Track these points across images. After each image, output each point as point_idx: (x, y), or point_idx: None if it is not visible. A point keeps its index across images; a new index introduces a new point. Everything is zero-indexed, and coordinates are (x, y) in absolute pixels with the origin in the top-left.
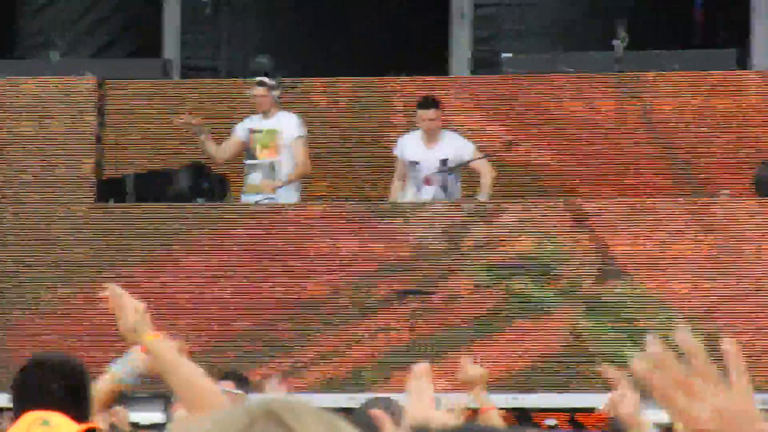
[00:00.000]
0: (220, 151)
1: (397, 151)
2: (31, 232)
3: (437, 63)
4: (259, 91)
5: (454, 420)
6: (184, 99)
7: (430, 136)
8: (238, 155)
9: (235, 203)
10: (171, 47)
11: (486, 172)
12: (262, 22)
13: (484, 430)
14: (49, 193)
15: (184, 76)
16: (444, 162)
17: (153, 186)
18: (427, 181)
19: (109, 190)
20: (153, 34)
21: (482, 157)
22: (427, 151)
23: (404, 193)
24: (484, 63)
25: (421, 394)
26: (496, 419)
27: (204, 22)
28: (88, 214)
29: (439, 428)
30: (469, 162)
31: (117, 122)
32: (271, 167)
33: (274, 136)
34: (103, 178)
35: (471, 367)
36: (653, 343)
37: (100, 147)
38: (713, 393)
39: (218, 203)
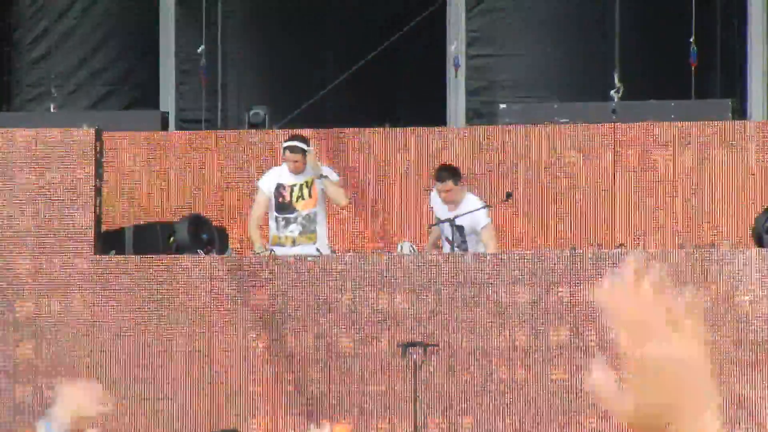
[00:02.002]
0: (258, 222)
1: (431, 202)
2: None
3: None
4: (294, 157)
5: None
6: (180, 150)
7: (449, 203)
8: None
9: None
10: (166, 99)
11: (488, 245)
12: (257, 73)
13: None
14: (47, 245)
15: (179, 128)
16: (460, 229)
17: (152, 238)
18: (448, 240)
19: (109, 242)
20: (148, 86)
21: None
22: (447, 213)
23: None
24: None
25: None
26: None
27: (198, 74)
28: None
29: None
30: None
31: (114, 174)
32: (309, 218)
33: (311, 187)
34: (102, 230)
35: None
36: (635, 262)
37: (99, 199)
38: (663, 337)
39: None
